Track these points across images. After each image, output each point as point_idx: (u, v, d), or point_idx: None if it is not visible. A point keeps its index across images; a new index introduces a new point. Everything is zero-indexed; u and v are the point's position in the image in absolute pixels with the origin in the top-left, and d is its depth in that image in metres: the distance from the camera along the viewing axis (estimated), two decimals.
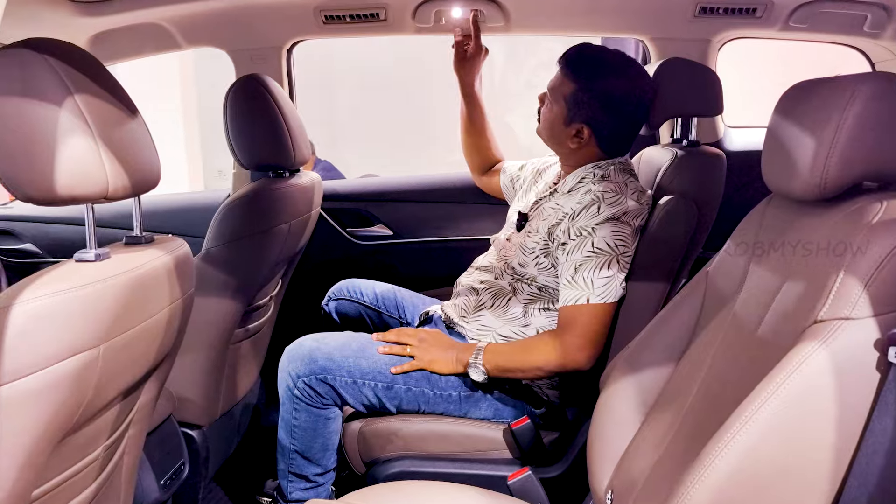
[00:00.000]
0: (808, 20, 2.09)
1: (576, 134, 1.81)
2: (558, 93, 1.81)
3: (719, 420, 1.00)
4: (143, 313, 1.17)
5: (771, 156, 1.21)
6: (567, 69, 1.80)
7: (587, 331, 1.68)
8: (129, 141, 1.16)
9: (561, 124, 1.82)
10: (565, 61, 1.81)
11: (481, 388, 1.80)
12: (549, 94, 1.84)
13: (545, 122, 1.86)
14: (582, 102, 1.78)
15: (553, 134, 1.85)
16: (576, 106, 1.78)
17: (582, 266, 1.69)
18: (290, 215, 1.98)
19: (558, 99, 1.81)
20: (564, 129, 1.82)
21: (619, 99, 1.78)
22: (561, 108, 1.81)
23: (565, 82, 1.80)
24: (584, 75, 1.77)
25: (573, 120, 1.80)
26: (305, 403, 1.75)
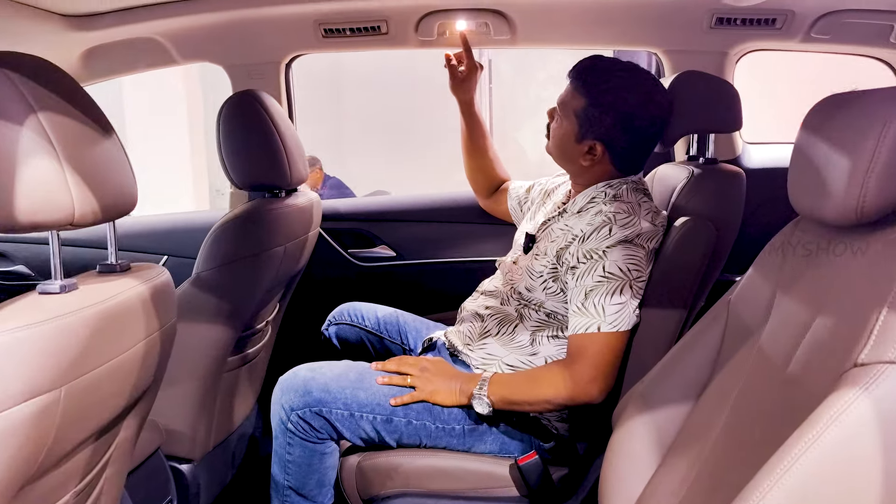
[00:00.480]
0: (831, 31, 1.99)
1: (588, 151, 1.72)
2: (568, 108, 1.72)
3: (745, 469, 0.90)
4: (114, 349, 1.08)
5: (799, 175, 1.11)
6: (577, 82, 1.71)
7: (598, 361, 1.58)
8: (100, 162, 1.08)
9: (572, 141, 1.73)
10: (575, 74, 1.72)
11: (486, 421, 1.70)
12: (559, 109, 1.74)
13: (555, 138, 1.77)
14: (594, 118, 1.68)
15: (564, 151, 1.76)
16: (588, 122, 1.69)
17: (592, 292, 1.59)
18: (285, 237, 1.89)
19: (568, 114, 1.72)
20: (576, 146, 1.73)
21: (634, 114, 1.68)
22: (571, 124, 1.71)
23: (576, 97, 1.70)
24: (596, 89, 1.68)
25: (585, 136, 1.71)
26: (300, 437, 1.66)
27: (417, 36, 2.11)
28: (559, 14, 2.06)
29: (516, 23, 2.06)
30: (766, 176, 2.02)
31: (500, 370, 1.74)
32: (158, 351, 1.25)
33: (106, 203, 1.07)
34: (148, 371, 1.23)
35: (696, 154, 1.98)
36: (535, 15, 2.05)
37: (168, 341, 1.29)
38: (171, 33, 2.11)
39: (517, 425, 1.71)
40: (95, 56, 2.14)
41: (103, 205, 1.07)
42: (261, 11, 2.00)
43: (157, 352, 1.24)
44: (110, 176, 1.09)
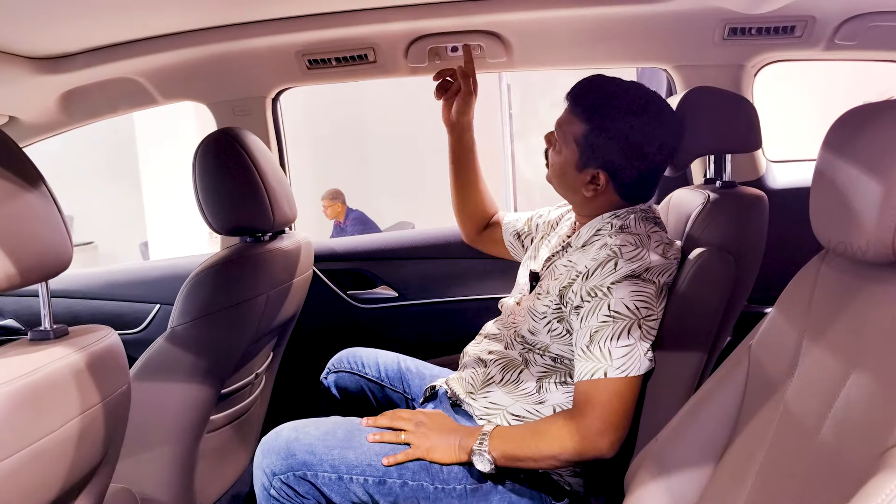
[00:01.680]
0: (857, 36, 1.82)
1: (590, 180, 1.56)
2: (568, 134, 1.56)
3: None
4: (35, 432, 0.95)
5: (821, 203, 0.95)
6: (576, 107, 1.56)
7: (608, 411, 1.41)
8: (17, 220, 0.95)
9: (573, 170, 1.57)
10: (573, 97, 1.57)
11: (491, 479, 1.54)
12: (558, 135, 1.59)
13: (554, 167, 1.62)
14: (596, 145, 1.53)
15: (564, 181, 1.61)
16: (589, 149, 1.54)
17: (598, 333, 1.43)
18: (268, 284, 1.76)
19: (568, 141, 1.57)
20: (577, 176, 1.57)
21: (640, 141, 1.52)
22: (572, 152, 1.56)
23: (575, 122, 1.55)
24: (597, 113, 1.52)
25: (587, 165, 1.55)
26: None
27: (407, 62, 1.98)
28: (557, 33, 1.92)
29: (512, 44, 1.92)
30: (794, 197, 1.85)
31: (504, 420, 1.59)
32: (103, 424, 1.11)
33: (26, 265, 0.95)
34: (91, 448, 1.10)
35: (712, 177, 1.82)
36: (532, 35, 1.91)
37: (117, 411, 1.16)
38: (149, 72, 2.01)
39: (525, 482, 1.55)
40: (74, 99, 2.04)
41: (22, 267, 0.94)
42: (240, 45, 1.89)
43: (100, 426, 1.10)
44: (32, 235, 0.97)
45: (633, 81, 1.58)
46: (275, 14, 1.81)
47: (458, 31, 1.91)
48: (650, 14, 1.78)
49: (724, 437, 1.12)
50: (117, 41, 1.85)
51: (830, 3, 1.74)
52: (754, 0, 1.63)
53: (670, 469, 1.15)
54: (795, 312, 1.04)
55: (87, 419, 1.05)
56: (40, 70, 1.84)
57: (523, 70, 2.09)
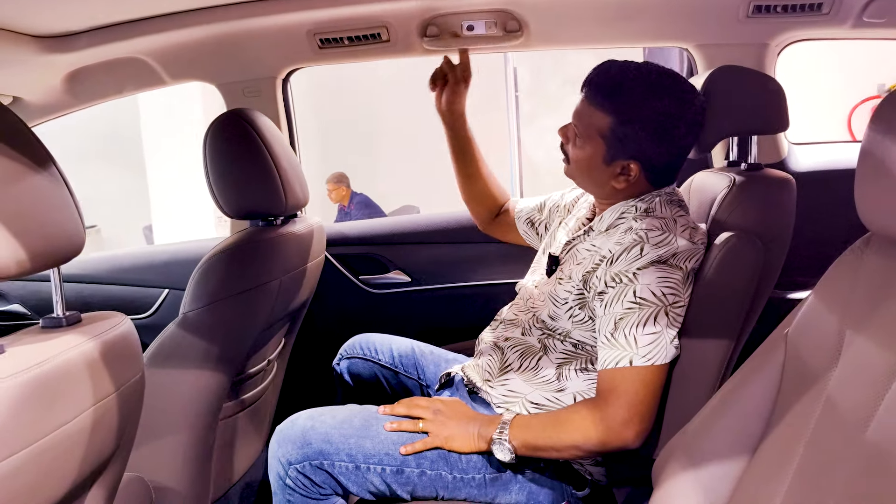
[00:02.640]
0: (887, 14, 1.76)
1: (621, 171, 1.50)
2: (591, 128, 1.49)
3: None
4: (49, 423, 0.91)
5: (869, 184, 0.91)
6: (597, 98, 1.48)
7: (633, 400, 1.37)
8: (29, 202, 0.92)
9: (600, 164, 1.51)
10: (594, 89, 1.48)
11: (510, 469, 1.51)
12: (579, 130, 1.51)
13: (578, 162, 1.54)
14: (626, 136, 1.46)
15: (591, 176, 1.54)
16: (618, 141, 1.47)
17: (623, 320, 1.39)
18: (281, 269, 1.72)
19: (592, 135, 1.49)
20: (605, 169, 1.51)
21: (669, 125, 1.46)
22: (597, 146, 1.50)
23: (597, 115, 1.48)
24: (623, 103, 1.45)
25: (616, 157, 1.49)
26: (300, 495, 1.48)
27: (422, 42, 1.93)
28: (575, 11, 1.86)
29: (528, 22, 1.87)
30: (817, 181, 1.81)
31: (523, 409, 1.56)
32: (117, 414, 1.08)
33: (37, 250, 0.92)
34: (105, 439, 1.06)
35: (736, 159, 1.77)
36: (549, 13, 1.85)
37: (133, 401, 1.13)
38: (157, 52, 1.96)
39: (545, 471, 1.53)
40: (80, 79, 2.00)
41: (33, 253, 0.91)
42: (250, 24, 1.84)
43: (114, 416, 1.07)
44: (44, 219, 0.94)
45: (648, 62, 1.52)
46: None
47: (473, 11, 1.85)
48: None
49: (759, 429, 1.08)
50: (124, 19, 1.81)
51: None
52: None
53: (701, 462, 1.11)
54: (836, 300, 0.99)
55: (100, 410, 1.02)
56: (45, 49, 1.80)
57: (539, 50, 2.03)
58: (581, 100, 1.51)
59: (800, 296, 2.02)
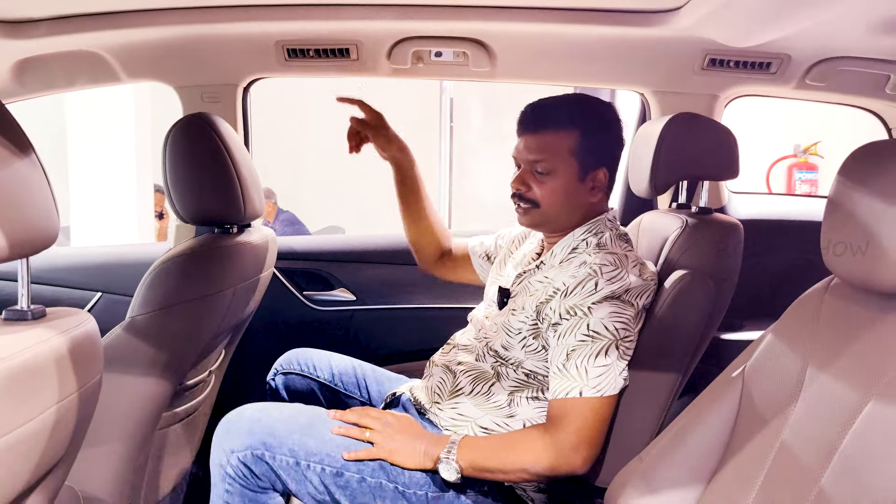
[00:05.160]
0: (827, 78, 1.89)
1: (593, 185, 1.58)
2: (560, 151, 1.55)
3: None
4: (15, 419, 0.87)
5: (836, 233, 0.97)
6: (556, 121, 1.55)
7: (582, 427, 1.41)
8: (8, 189, 0.88)
9: (575, 184, 1.56)
10: (548, 115, 1.56)
11: (454, 489, 1.51)
12: (548, 159, 1.55)
13: (554, 194, 1.56)
14: (594, 144, 1.55)
15: (569, 201, 1.57)
16: (589, 153, 1.55)
17: (575, 352, 1.43)
18: (236, 279, 1.68)
19: (563, 157, 1.55)
20: (581, 186, 1.57)
21: (617, 121, 1.61)
22: (570, 167, 1.55)
23: (562, 136, 1.54)
24: (579, 117, 1.55)
25: (588, 170, 1.56)
26: (239, 485, 1.47)
27: (390, 63, 1.94)
28: (543, 48, 1.92)
29: (497, 54, 1.91)
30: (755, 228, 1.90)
31: (472, 432, 1.57)
32: (75, 415, 1.03)
33: (14, 238, 0.88)
34: (60, 440, 1.02)
35: (685, 202, 1.85)
36: (517, 47, 1.90)
37: (89, 403, 1.08)
38: (116, 48, 1.90)
39: (488, 494, 1.53)
40: (29, 68, 1.92)
41: (11, 240, 0.87)
42: (216, 28, 1.81)
43: (73, 417, 1.02)
44: (22, 205, 0.90)
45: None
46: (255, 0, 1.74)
47: (444, 37, 1.88)
48: (636, 38, 1.80)
49: (715, 460, 1.13)
50: (85, 11, 1.74)
51: (806, 43, 1.80)
52: (738, 33, 1.67)
53: (658, 488, 1.15)
54: (798, 339, 1.05)
55: (63, 408, 0.97)
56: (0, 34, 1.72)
57: (505, 82, 2.07)
58: (531, 137, 1.56)
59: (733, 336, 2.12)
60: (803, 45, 1.81)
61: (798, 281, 1.18)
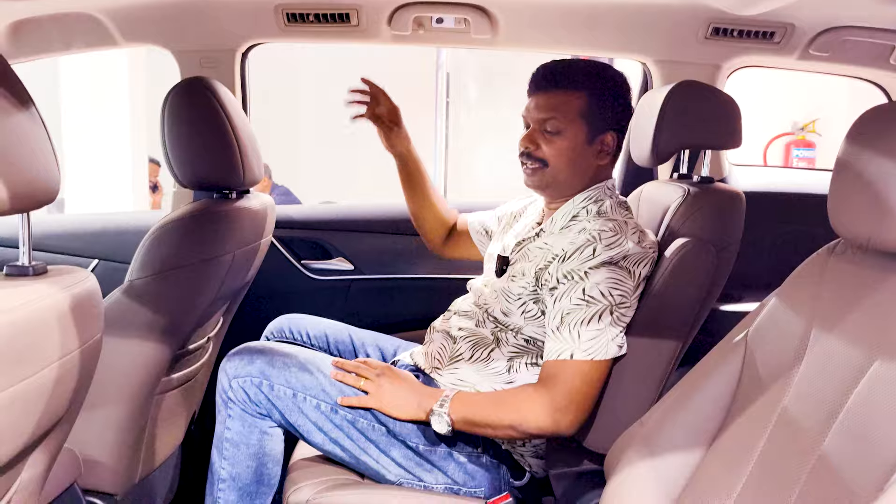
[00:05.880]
0: (831, 49, 1.88)
1: (601, 149, 1.59)
2: (569, 112, 1.55)
3: None
4: (18, 373, 0.87)
5: (844, 195, 0.96)
6: (566, 83, 1.56)
7: (571, 390, 1.42)
8: (11, 141, 0.87)
9: (584, 146, 1.56)
10: (559, 77, 1.56)
11: (446, 444, 1.54)
12: (557, 119, 1.55)
13: (561, 155, 1.56)
14: (603, 108, 1.56)
15: (575, 164, 1.57)
16: (597, 115, 1.55)
17: (569, 315, 1.44)
18: (235, 244, 1.67)
19: (572, 118, 1.55)
20: (589, 149, 1.57)
21: (626, 84, 1.62)
22: (579, 129, 1.55)
23: (572, 97, 1.55)
24: (588, 79, 1.56)
25: (597, 133, 1.56)
26: (239, 408, 1.52)
27: (391, 29, 1.93)
28: (546, 15, 1.90)
29: (499, 21, 1.89)
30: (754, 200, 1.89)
31: None
32: (77, 373, 1.03)
33: (16, 190, 0.87)
34: (62, 398, 1.02)
35: (686, 172, 1.84)
36: (520, 14, 1.89)
37: (90, 361, 1.08)
38: (113, 11, 1.88)
39: (482, 455, 1.56)
40: (25, 30, 1.89)
41: (13, 192, 0.86)
42: None
43: (75, 374, 1.02)
44: (25, 157, 0.89)
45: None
46: None
47: (445, 2, 1.86)
48: (639, 6, 1.79)
49: (716, 424, 1.13)
50: None
51: (811, 13, 1.79)
52: (742, 1, 1.66)
53: (659, 452, 1.15)
54: (801, 303, 1.05)
55: (65, 365, 0.97)
56: None
57: (507, 50, 2.05)
58: (542, 96, 1.57)
59: (731, 308, 2.12)
60: (808, 14, 1.79)
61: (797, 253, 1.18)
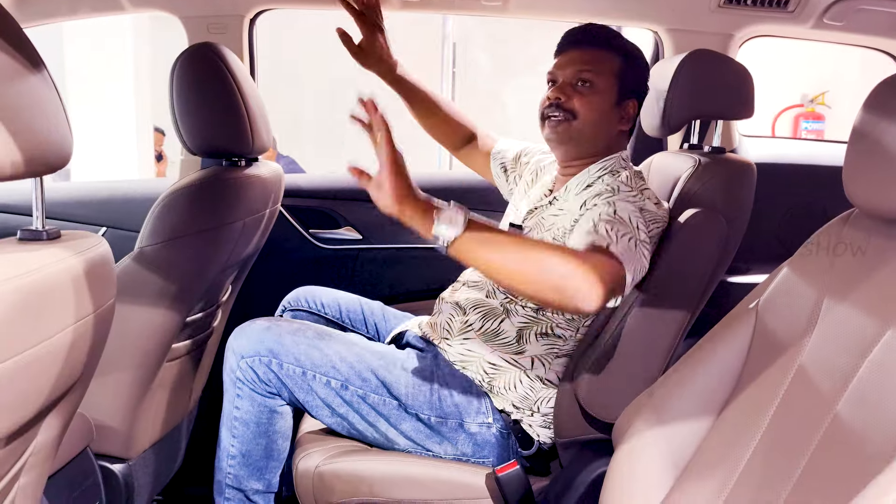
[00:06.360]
0: (845, 18, 1.86)
1: (622, 115, 1.61)
2: (604, 71, 1.57)
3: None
4: (33, 336, 0.87)
5: (860, 165, 0.96)
6: (600, 43, 1.58)
7: (603, 272, 1.19)
8: (24, 104, 0.86)
9: (611, 107, 1.58)
10: (592, 36, 1.59)
11: (459, 416, 1.55)
12: (590, 75, 1.55)
13: (591, 110, 1.55)
14: (633, 73, 1.60)
15: (602, 122, 1.57)
16: (627, 80, 1.58)
17: (602, 222, 1.32)
18: (245, 211, 1.67)
19: (606, 76, 1.56)
20: (615, 111, 1.59)
21: (647, 62, 1.66)
22: (611, 87, 1.57)
23: (607, 56, 1.57)
24: (621, 45, 1.60)
25: (623, 97, 1.58)
26: (248, 388, 1.54)
27: None
28: None
29: None
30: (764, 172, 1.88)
31: (480, 369, 1.59)
32: (91, 338, 1.04)
33: (31, 154, 0.87)
34: (76, 362, 1.02)
35: (697, 143, 1.83)
36: None
37: (103, 326, 1.08)
38: None
39: (493, 426, 1.57)
40: None
41: (27, 156, 0.86)
42: None
43: (89, 339, 1.03)
44: (38, 120, 0.89)
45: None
46: None
47: None
48: None
49: (726, 392, 1.13)
50: None
51: None
52: None
53: (668, 420, 1.16)
54: (815, 271, 1.05)
55: (80, 329, 0.98)
56: None
57: (517, 17, 2.03)
58: (577, 52, 1.58)
59: (738, 279, 2.12)
60: None
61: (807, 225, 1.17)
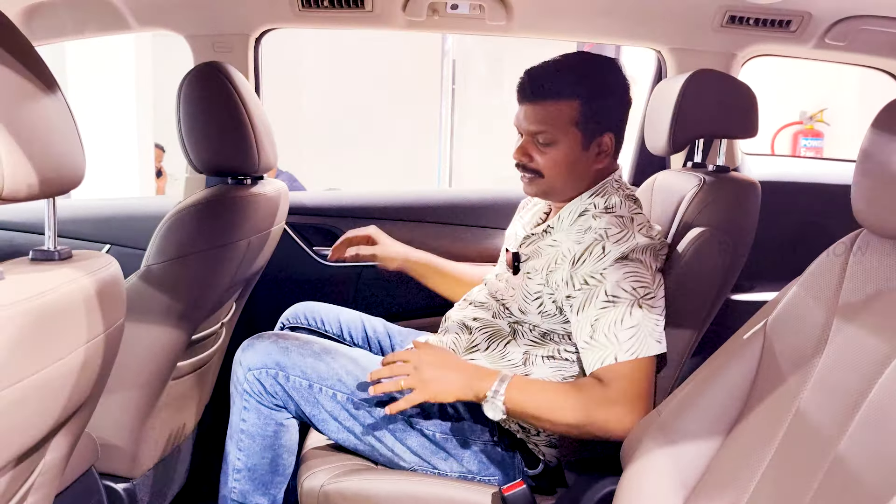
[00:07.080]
0: (847, 38, 1.87)
1: (598, 152, 1.54)
2: (560, 122, 1.50)
3: None
4: (46, 357, 0.87)
5: (868, 184, 0.96)
6: (556, 90, 1.50)
7: (627, 394, 1.35)
8: (41, 126, 0.87)
9: (579, 153, 1.51)
10: (548, 84, 1.50)
11: (464, 433, 1.54)
12: (548, 134, 1.51)
13: (557, 165, 1.52)
14: (598, 111, 1.50)
15: (574, 171, 1.53)
16: (592, 121, 1.50)
17: (599, 322, 1.39)
18: (250, 230, 1.68)
19: (564, 128, 1.50)
20: (586, 155, 1.52)
21: (625, 82, 1.55)
22: (573, 137, 1.51)
23: (563, 106, 1.49)
24: (579, 83, 1.49)
25: (593, 137, 1.52)
26: (255, 401, 1.53)
27: (405, 15, 1.92)
28: (561, 2, 1.89)
29: (514, 8, 1.89)
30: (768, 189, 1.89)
31: None
32: (101, 357, 1.04)
33: (45, 175, 0.87)
34: (87, 382, 1.02)
35: (701, 161, 1.84)
36: (535, 1, 1.88)
37: (113, 345, 1.09)
38: None
39: (498, 444, 1.56)
40: (39, 14, 1.89)
41: (42, 177, 0.87)
42: None
43: (99, 358, 1.03)
44: (52, 142, 0.90)
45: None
46: None
47: None
48: None
49: (734, 413, 1.13)
50: None
51: (828, 1, 1.78)
52: None
53: (676, 440, 1.16)
54: (823, 292, 1.05)
55: (91, 349, 0.98)
56: None
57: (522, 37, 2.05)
58: (530, 107, 1.52)
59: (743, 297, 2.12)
60: (825, 2, 1.79)
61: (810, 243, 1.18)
